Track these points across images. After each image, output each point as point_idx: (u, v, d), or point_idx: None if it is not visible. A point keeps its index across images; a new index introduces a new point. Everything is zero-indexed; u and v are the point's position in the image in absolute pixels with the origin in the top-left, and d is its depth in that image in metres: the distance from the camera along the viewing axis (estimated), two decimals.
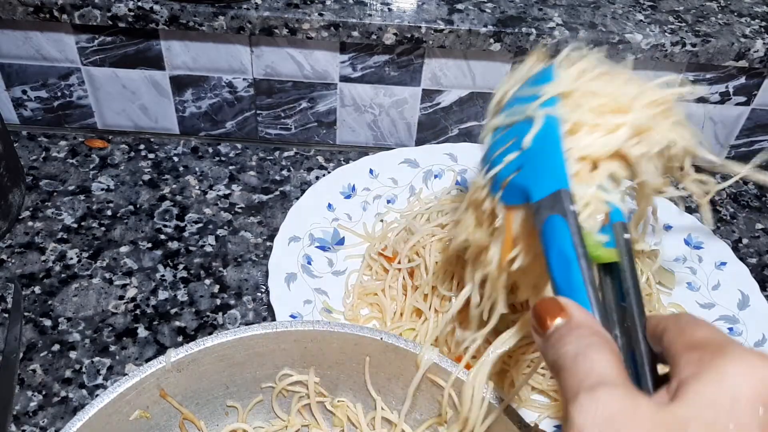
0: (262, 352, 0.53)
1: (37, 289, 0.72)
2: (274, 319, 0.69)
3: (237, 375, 0.54)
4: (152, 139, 0.88)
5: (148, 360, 0.66)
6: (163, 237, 0.77)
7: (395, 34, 0.78)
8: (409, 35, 0.78)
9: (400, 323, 0.68)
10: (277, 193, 0.83)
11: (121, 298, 0.72)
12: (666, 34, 0.79)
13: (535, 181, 0.40)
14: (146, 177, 0.84)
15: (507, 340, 0.45)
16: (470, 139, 0.90)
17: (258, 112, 0.89)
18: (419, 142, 0.91)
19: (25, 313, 0.70)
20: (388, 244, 0.73)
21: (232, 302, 0.72)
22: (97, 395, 0.51)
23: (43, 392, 0.64)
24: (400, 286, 0.70)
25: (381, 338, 0.52)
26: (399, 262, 0.70)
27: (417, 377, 0.52)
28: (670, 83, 0.43)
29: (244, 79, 0.85)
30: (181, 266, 0.75)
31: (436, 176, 0.82)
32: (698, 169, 0.46)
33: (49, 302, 0.71)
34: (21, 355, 0.66)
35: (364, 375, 0.55)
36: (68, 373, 0.66)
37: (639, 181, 0.42)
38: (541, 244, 0.38)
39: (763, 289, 0.75)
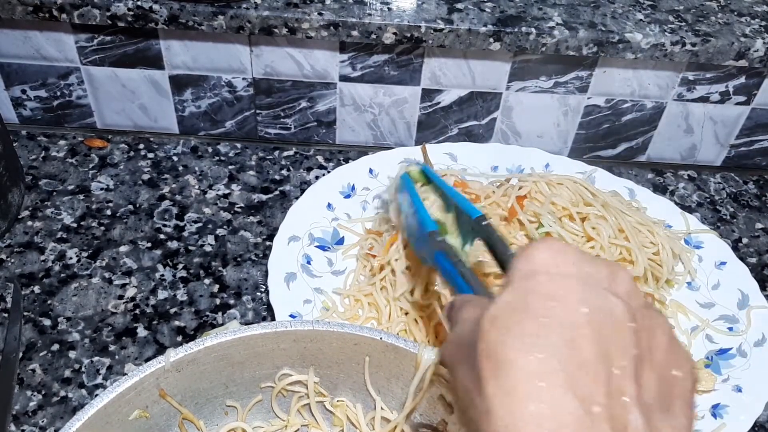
0: (262, 351, 0.53)
1: (36, 289, 0.72)
2: (273, 319, 0.69)
3: (236, 375, 0.54)
4: (152, 139, 0.88)
5: (147, 360, 0.66)
6: (162, 236, 0.77)
7: (395, 33, 0.78)
8: (408, 35, 0.78)
9: (389, 324, 0.68)
10: (277, 192, 0.83)
11: (121, 297, 0.72)
12: (666, 33, 0.79)
13: (418, 234, 0.59)
14: (146, 176, 0.84)
15: None
16: (470, 139, 0.90)
17: (257, 111, 0.89)
18: (419, 142, 0.91)
19: (25, 313, 0.70)
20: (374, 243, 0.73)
21: (232, 302, 0.72)
22: (96, 395, 0.51)
23: (43, 392, 0.64)
24: (390, 286, 0.70)
25: (381, 338, 0.52)
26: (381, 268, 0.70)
27: (417, 377, 0.51)
28: None
29: (243, 79, 0.85)
30: (180, 266, 0.75)
31: None
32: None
33: (49, 302, 0.71)
34: (20, 354, 0.66)
35: (364, 375, 0.54)
36: (68, 373, 0.65)
37: None
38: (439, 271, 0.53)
39: (763, 288, 0.75)
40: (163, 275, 0.74)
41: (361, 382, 0.55)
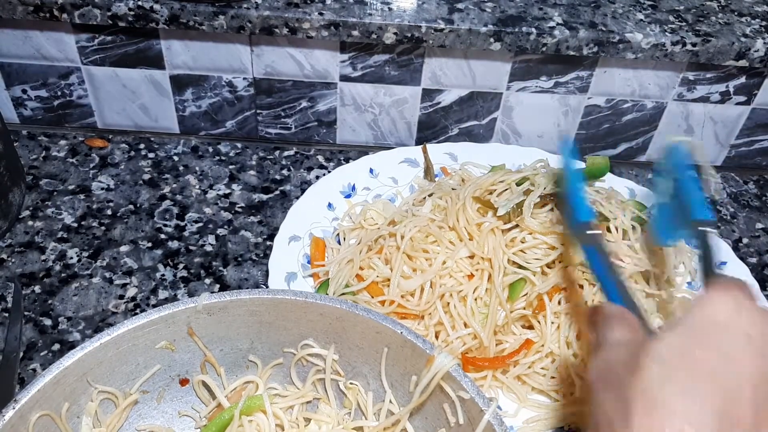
0: (290, 317, 0.55)
1: (37, 289, 0.72)
2: None
3: (263, 333, 0.56)
4: (152, 139, 0.88)
5: None
6: (163, 236, 0.77)
7: (395, 33, 0.78)
8: (409, 35, 0.78)
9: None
10: (277, 192, 0.83)
11: (121, 297, 0.72)
12: (666, 33, 0.79)
13: (571, 215, 0.59)
14: (146, 176, 0.84)
15: None
16: (470, 139, 0.90)
17: (258, 111, 0.89)
18: (419, 142, 0.91)
19: (26, 313, 0.70)
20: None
21: None
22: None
23: None
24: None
25: (401, 332, 0.53)
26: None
27: (426, 377, 0.52)
28: None
29: (244, 79, 0.85)
30: (181, 266, 0.75)
31: (436, 175, 0.82)
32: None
33: (49, 301, 0.71)
34: (21, 354, 0.66)
35: (381, 365, 0.55)
36: None
37: None
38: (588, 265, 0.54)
39: (763, 288, 0.75)
40: (163, 275, 0.74)
41: (377, 371, 0.56)
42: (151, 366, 0.55)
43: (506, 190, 0.70)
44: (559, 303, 0.64)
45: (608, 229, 0.67)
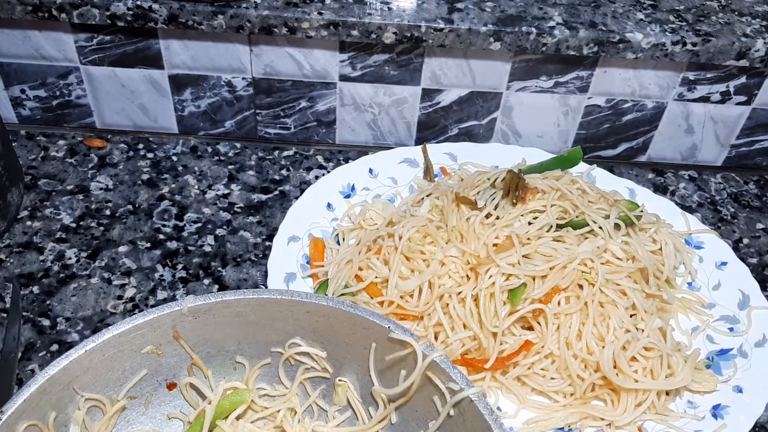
0: (276, 317, 0.55)
1: (35, 289, 0.72)
2: None
3: (250, 334, 0.56)
4: (151, 139, 0.88)
5: None
6: (161, 237, 0.77)
7: (395, 33, 0.78)
8: (408, 34, 0.78)
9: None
10: (277, 192, 0.83)
11: (120, 297, 0.71)
12: (666, 33, 0.79)
13: None
14: (145, 176, 0.84)
15: None
16: (470, 139, 0.90)
17: (257, 111, 0.88)
18: (419, 142, 0.90)
19: (24, 313, 0.69)
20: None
21: None
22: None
23: None
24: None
25: (389, 327, 0.52)
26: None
27: (415, 373, 0.52)
28: None
29: (243, 79, 0.85)
30: (180, 266, 0.75)
31: (436, 176, 0.82)
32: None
33: (48, 302, 0.71)
34: (19, 354, 0.66)
35: (369, 360, 0.55)
36: None
37: None
38: None
39: (763, 289, 0.75)
40: (162, 275, 0.74)
41: (366, 367, 0.56)
42: (138, 371, 0.54)
43: (488, 187, 0.72)
44: (559, 304, 0.64)
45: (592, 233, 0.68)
